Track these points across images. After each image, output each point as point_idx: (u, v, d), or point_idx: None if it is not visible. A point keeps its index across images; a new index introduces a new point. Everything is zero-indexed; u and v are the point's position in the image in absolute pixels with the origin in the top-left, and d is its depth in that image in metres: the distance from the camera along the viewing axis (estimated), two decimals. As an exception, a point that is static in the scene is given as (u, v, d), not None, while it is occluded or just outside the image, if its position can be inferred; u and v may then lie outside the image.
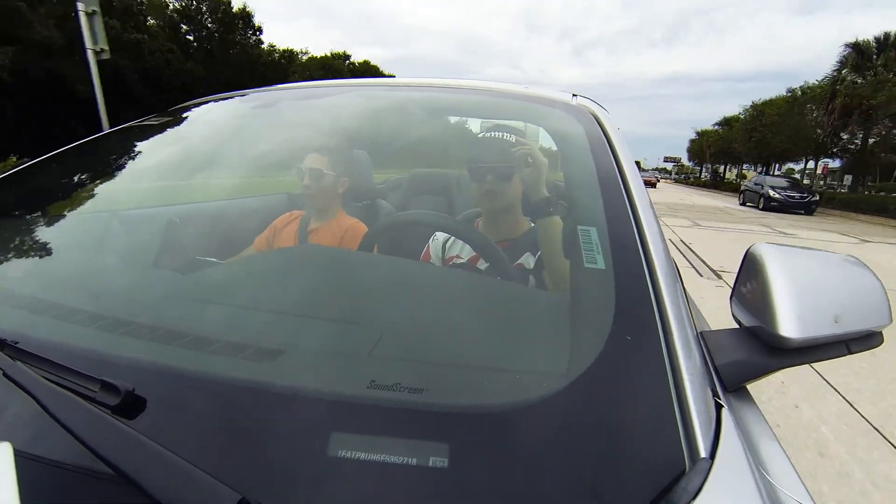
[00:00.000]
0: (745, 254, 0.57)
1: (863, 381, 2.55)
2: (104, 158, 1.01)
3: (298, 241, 1.25)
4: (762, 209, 16.05)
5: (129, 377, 0.42)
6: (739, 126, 35.03)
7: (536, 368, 0.48)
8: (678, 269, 0.69)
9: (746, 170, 36.46)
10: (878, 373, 2.65)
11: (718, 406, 0.45)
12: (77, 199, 0.90)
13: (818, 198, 16.13)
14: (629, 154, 0.79)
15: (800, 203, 15.44)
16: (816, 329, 0.49)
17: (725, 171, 49.32)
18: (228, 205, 1.54)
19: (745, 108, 33.36)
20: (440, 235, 1.08)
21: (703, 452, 0.38)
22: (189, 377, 0.46)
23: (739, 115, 35.95)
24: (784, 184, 16.64)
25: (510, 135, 1.01)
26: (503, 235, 1.04)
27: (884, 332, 0.54)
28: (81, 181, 0.94)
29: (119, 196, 0.92)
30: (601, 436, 0.40)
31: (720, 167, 50.48)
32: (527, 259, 1.00)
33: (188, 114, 1.17)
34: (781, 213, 15.03)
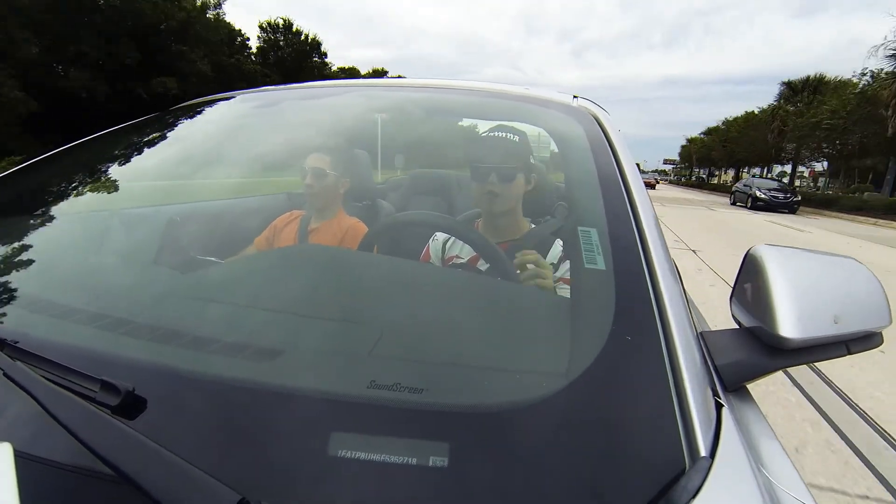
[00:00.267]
0: (745, 255, 0.57)
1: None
2: (104, 157, 1.01)
3: (299, 241, 1.25)
4: (750, 208, 17.44)
5: (129, 377, 0.42)
6: (715, 137, 43.23)
7: (537, 368, 0.48)
8: (678, 270, 0.69)
9: (744, 172, 40.50)
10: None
11: (718, 405, 0.45)
12: (77, 198, 0.90)
13: (800, 198, 17.88)
14: (630, 155, 0.79)
15: (784, 203, 16.86)
16: (816, 329, 0.49)
17: (710, 174, 55.43)
18: (229, 204, 1.54)
19: (722, 121, 41.89)
20: (440, 236, 1.08)
21: (704, 451, 0.38)
22: (189, 377, 0.46)
23: (720, 126, 43.05)
24: (770, 185, 18.18)
25: (513, 135, 1.01)
26: (503, 236, 1.04)
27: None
28: (82, 180, 0.94)
29: (119, 195, 0.92)
30: (601, 435, 0.40)
31: (702, 170, 57.61)
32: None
33: (189, 113, 1.17)
34: (768, 212, 16.30)
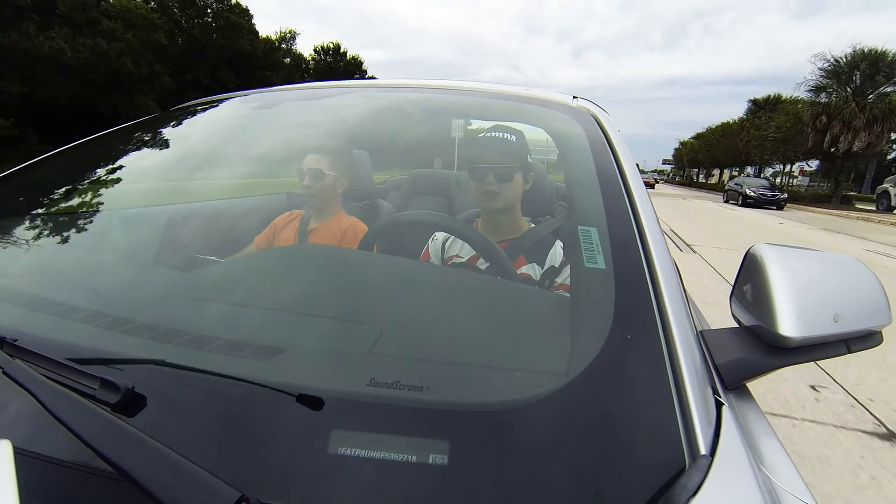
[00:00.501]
0: (746, 254, 0.57)
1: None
2: (105, 157, 1.01)
3: (298, 241, 1.25)
4: (741, 205, 18.83)
5: (129, 375, 0.42)
6: (702, 141, 48.17)
7: (537, 366, 0.48)
8: (678, 269, 0.69)
9: (727, 173, 44.90)
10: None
11: (718, 404, 0.45)
12: (77, 198, 0.90)
13: (786, 195, 19.69)
14: (629, 155, 0.79)
15: (771, 200, 18.41)
16: (816, 328, 0.49)
17: (699, 175, 59.79)
18: (229, 204, 1.54)
19: (706, 128, 47.60)
20: (440, 235, 1.08)
21: (704, 449, 0.38)
22: (189, 375, 0.46)
23: (704, 132, 48.27)
24: (759, 184, 19.83)
25: (510, 135, 1.01)
26: (503, 235, 1.04)
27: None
28: (82, 180, 0.94)
29: (120, 195, 0.92)
30: (602, 433, 0.40)
31: (694, 171, 62.68)
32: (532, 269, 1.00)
33: (189, 114, 1.17)
34: (757, 209, 17.55)
